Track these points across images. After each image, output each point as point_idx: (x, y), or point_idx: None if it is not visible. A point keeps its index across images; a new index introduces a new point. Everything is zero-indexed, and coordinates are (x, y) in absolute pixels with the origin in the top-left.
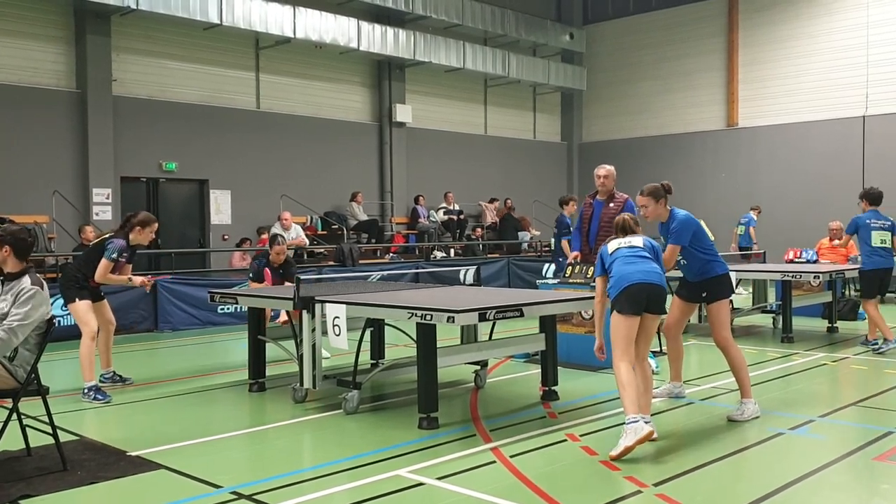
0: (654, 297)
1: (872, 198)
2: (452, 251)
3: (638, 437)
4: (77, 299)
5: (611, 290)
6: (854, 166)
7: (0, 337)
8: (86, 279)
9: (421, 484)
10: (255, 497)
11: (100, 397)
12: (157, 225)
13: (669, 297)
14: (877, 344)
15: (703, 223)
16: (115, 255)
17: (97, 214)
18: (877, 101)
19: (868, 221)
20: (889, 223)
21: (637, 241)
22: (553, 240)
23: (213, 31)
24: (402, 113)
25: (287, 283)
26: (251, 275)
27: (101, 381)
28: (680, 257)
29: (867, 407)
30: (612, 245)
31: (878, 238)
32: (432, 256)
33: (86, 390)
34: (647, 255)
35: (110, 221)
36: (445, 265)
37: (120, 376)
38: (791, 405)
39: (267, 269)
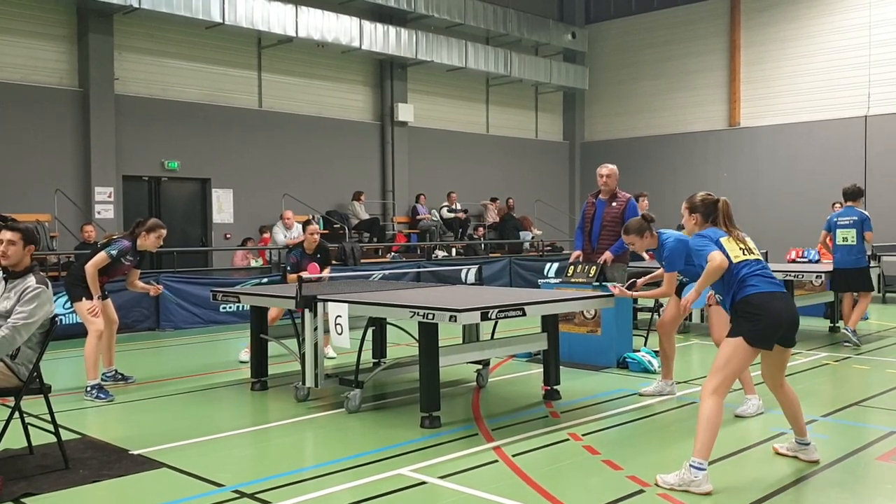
0: (793, 329)
1: (847, 194)
2: (454, 250)
3: (689, 488)
4: (84, 298)
5: (731, 305)
6: (856, 166)
7: (4, 335)
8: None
9: (423, 483)
10: (257, 496)
11: (102, 396)
12: (164, 231)
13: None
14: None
15: None
16: (114, 252)
17: (99, 213)
18: (879, 101)
19: (836, 219)
20: (854, 219)
21: (752, 242)
22: None
23: (215, 31)
24: (404, 112)
25: (326, 271)
26: (288, 267)
27: (102, 380)
28: (679, 275)
29: (870, 407)
30: (730, 244)
31: (841, 236)
32: (434, 256)
33: (88, 388)
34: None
35: (112, 220)
36: (447, 264)
37: (122, 375)
38: None
39: (314, 264)
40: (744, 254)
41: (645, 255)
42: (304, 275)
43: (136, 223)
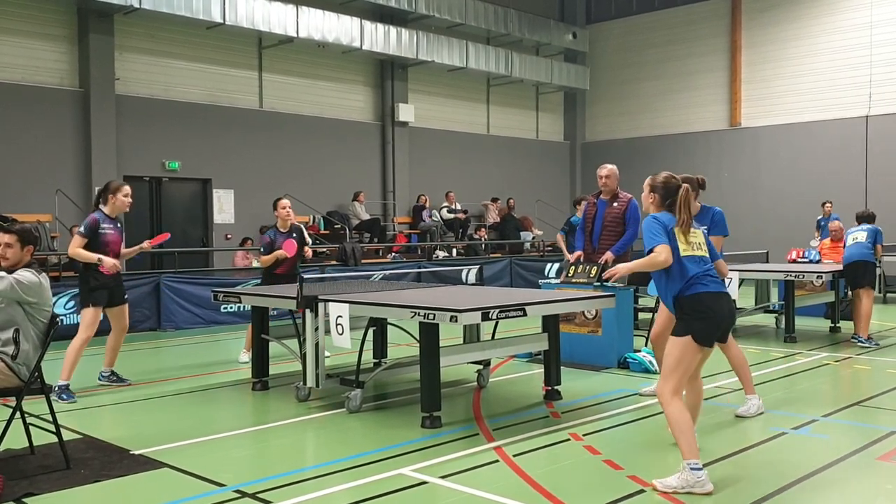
0: (729, 329)
1: (860, 218)
2: (454, 251)
3: (693, 490)
4: (90, 304)
5: (675, 300)
6: (857, 166)
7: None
8: (94, 275)
9: (424, 483)
10: (258, 495)
11: (65, 397)
12: (127, 188)
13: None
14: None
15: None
16: (82, 229)
17: None
18: (880, 101)
19: (850, 233)
20: (868, 228)
21: (701, 237)
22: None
23: (216, 31)
24: (405, 112)
25: (307, 250)
26: (262, 248)
27: (99, 379)
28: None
29: (870, 407)
30: (681, 241)
31: (852, 237)
32: (434, 256)
33: (56, 387)
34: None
35: None
36: (448, 265)
37: (117, 376)
38: (794, 405)
39: (290, 241)
40: (692, 249)
41: None
42: (281, 253)
43: (97, 193)
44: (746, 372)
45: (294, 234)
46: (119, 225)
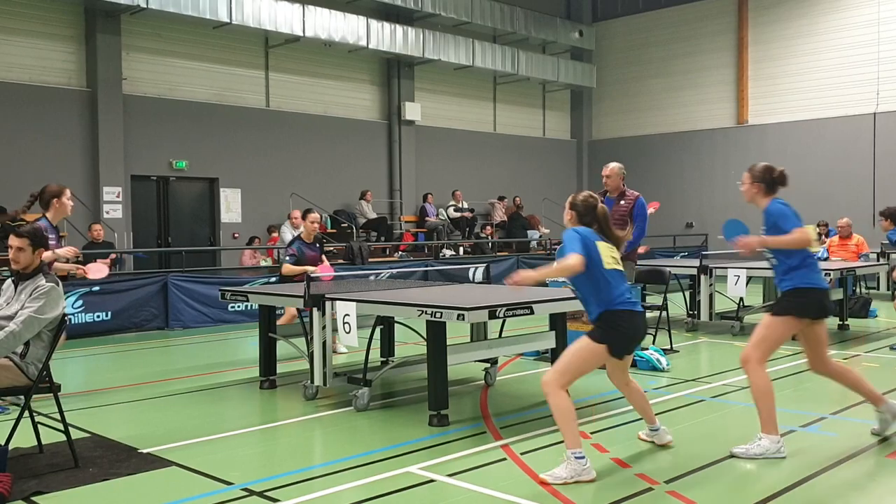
0: (640, 342)
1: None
2: (461, 249)
3: (580, 478)
4: None
5: (601, 313)
6: (864, 163)
7: (11, 330)
8: None
9: (431, 481)
10: (266, 494)
11: None
12: (67, 190)
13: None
14: None
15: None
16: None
17: (107, 213)
18: (887, 98)
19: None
20: None
21: (616, 253)
22: None
23: (222, 30)
24: (411, 111)
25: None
26: (287, 258)
27: None
28: (771, 255)
29: None
30: (604, 249)
31: None
32: (441, 255)
33: None
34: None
35: (120, 220)
36: (454, 263)
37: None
38: (802, 402)
39: (327, 265)
40: (615, 263)
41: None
42: (311, 269)
43: (36, 199)
44: (861, 388)
45: (318, 246)
46: (60, 235)
